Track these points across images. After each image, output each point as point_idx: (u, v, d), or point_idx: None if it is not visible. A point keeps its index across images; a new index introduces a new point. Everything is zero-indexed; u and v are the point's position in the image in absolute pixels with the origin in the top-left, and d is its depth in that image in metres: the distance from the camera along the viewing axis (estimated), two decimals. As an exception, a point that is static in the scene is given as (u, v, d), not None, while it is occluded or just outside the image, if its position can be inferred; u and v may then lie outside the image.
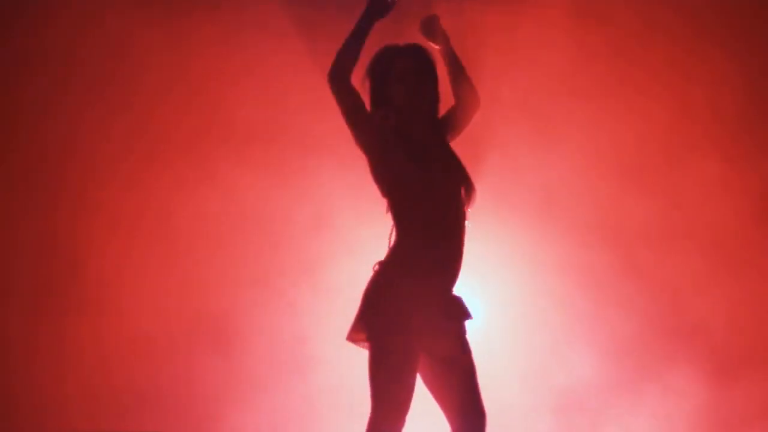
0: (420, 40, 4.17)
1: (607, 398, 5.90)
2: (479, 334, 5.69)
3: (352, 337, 3.94)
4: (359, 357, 3.96)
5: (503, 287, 5.94)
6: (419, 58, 4.03)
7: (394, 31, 4.28)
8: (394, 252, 3.95)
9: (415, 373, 3.89)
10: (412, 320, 3.86)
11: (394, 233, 3.99)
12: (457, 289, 3.99)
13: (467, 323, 3.99)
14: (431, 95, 4.05)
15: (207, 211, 5.99)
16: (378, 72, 4.04)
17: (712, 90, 5.90)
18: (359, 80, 4.04)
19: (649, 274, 5.94)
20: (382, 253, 3.95)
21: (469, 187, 4.02)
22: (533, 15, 5.95)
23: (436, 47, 4.20)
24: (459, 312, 3.97)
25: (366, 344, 3.91)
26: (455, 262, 3.97)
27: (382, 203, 4.02)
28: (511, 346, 5.89)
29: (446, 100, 4.17)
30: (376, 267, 3.96)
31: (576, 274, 5.92)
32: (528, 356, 5.92)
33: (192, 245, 5.97)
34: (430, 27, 4.23)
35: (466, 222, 4.02)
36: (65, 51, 5.98)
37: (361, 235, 5.78)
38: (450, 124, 4.16)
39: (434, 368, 3.95)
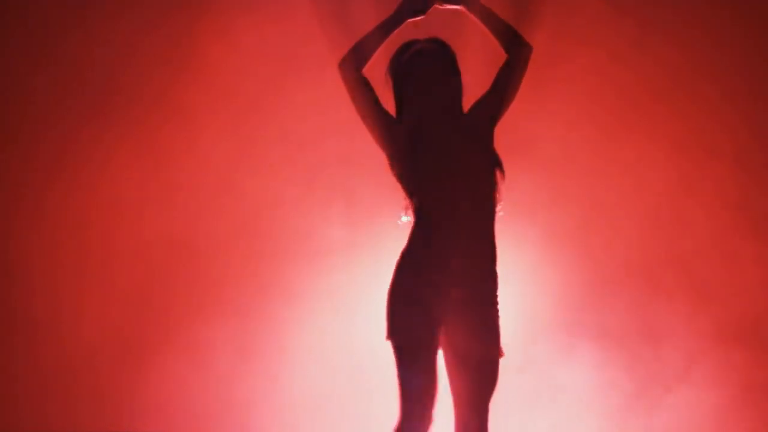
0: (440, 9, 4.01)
1: (608, 398, 5.92)
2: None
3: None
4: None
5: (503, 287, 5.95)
6: (435, 58, 3.95)
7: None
8: (404, 252, 3.92)
9: (434, 369, 3.85)
10: (421, 317, 3.83)
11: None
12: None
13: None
14: (452, 94, 3.96)
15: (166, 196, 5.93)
16: (396, 76, 3.97)
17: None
18: (381, 79, 4.00)
19: (650, 275, 5.98)
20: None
21: (501, 173, 3.95)
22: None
23: (459, 8, 4.01)
24: (474, 276, 3.92)
25: None
26: (478, 258, 3.93)
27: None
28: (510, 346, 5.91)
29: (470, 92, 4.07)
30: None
31: (576, 273, 5.95)
32: (528, 356, 5.94)
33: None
34: None
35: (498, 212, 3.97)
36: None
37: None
38: (500, 86, 3.99)
39: (451, 361, 3.94)
